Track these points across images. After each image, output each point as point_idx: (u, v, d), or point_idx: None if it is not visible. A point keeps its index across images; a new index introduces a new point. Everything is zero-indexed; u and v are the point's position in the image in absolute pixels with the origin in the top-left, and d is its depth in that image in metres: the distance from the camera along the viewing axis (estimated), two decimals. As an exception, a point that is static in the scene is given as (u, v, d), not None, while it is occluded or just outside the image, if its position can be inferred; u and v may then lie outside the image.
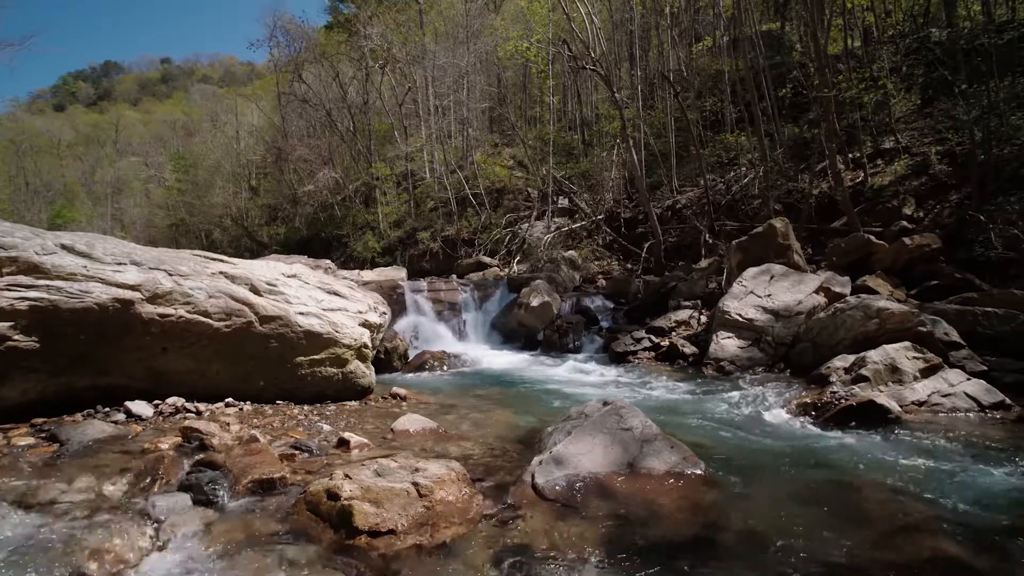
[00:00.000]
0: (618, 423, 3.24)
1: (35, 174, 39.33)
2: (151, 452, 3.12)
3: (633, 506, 2.64)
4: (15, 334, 3.50)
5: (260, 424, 3.99)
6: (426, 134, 20.72)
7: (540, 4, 17.14)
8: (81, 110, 65.15)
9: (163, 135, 45.53)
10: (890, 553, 2.24)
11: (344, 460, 3.17)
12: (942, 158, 9.38)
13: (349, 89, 23.92)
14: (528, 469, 2.92)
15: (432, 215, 18.62)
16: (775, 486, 2.95)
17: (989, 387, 4.44)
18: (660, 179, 14.13)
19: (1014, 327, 5.38)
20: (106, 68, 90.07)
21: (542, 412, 4.66)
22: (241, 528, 2.40)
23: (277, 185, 27.97)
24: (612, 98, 12.29)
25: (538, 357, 8.22)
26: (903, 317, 5.27)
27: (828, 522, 2.51)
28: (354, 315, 5.33)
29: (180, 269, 4.30)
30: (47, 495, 2.54)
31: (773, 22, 17.12)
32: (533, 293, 9.01)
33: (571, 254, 12.58)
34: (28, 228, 3.93)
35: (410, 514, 2.42)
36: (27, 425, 3.60)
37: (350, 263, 18.31)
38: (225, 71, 72.65)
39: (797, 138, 12.26)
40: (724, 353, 6.37)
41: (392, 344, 7.34)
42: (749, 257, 7.76)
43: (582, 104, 19.06)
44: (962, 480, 2.96)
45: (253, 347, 4.52)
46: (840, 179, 9.35)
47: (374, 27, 21.79)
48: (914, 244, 7.44)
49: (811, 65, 10.80)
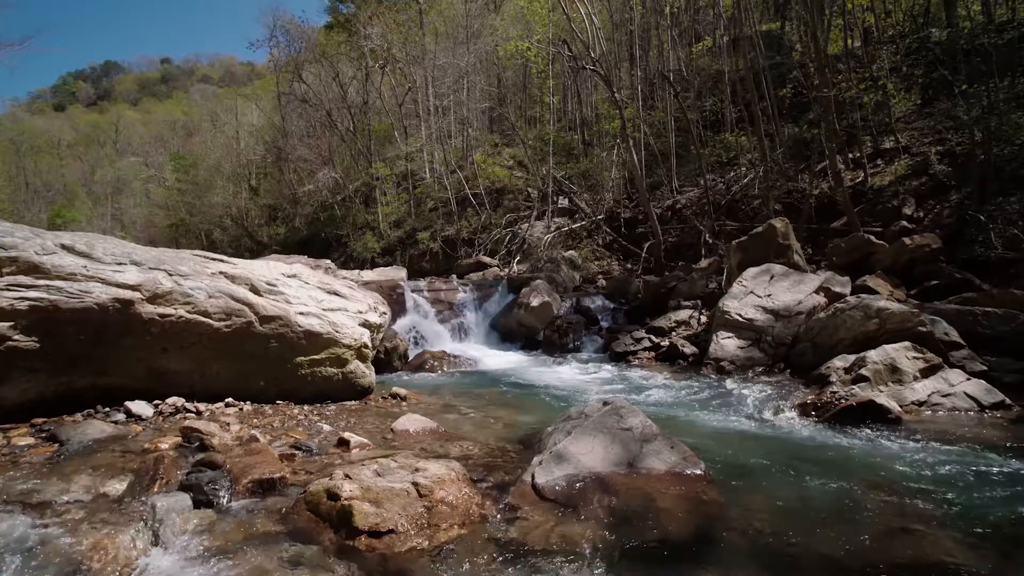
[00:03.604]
0: (618, 423, 3.24)
1: (35, 174, 39.35)
2: (151, 452, 3.12)
3: (633, 506, 2.64)
4: (15, 334, 3.50)
5: (260, 424, 3.99)
6: (426, 134, 20.72)
7: (540, 4, 17.13)
8: (81, 110, 65.19)
9: (163, 135, 45.55)
10: (890, 553, 2.24)
11: (344, 460, 3.17)
12: (942, 158, 9.37)
13: (349, 89, 23.91)
14: (528, 469, 2.92)
15: (432, 215, 18.61)
16: (775, 486, 2.95)
17: (989, 387, 4.44)
18: (660, 179, 14.13)
19: (1014, 327, 5.38)
20: (106, 68, 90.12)
21: (542, 412, 4.66)
22: (241, 528, 2.40)
23: (277, 185, 27.97)
24: (612, 98, 12.29)
25: (538, 357, 8.22)
26: (903, 317, 5.27)
27: (828, 522, 2.51)
28: (354, 315, 5.33)
29: (180, 269, 4.30)
30: (47, 495, 2.54)
31: (773, 22, 17.12)
32: (533, 293, 9.01)
33: (571, 254, 12.58)
34: (28, 228, 3.93)
35: (410, 514, 2.42)
36: (27, 425, 3.60)
37: (350, 263, 18.31)
38: (225, 71, 72.66)
39: (797, 138, 12.25)
40: (724, 353, 6.37)
41: (392, 344, 7.34)
42: (749, 257, 7.76)
43: (582, 104, 19.05)
44: (962, 480, 2.96)
45: (253, 347, 4.52)
46: (840, 179, 9.35)
47: (374, 27, 21.79)
48: (914, 244, 7.44)
49: (811, 65, 10.80)
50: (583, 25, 14.34)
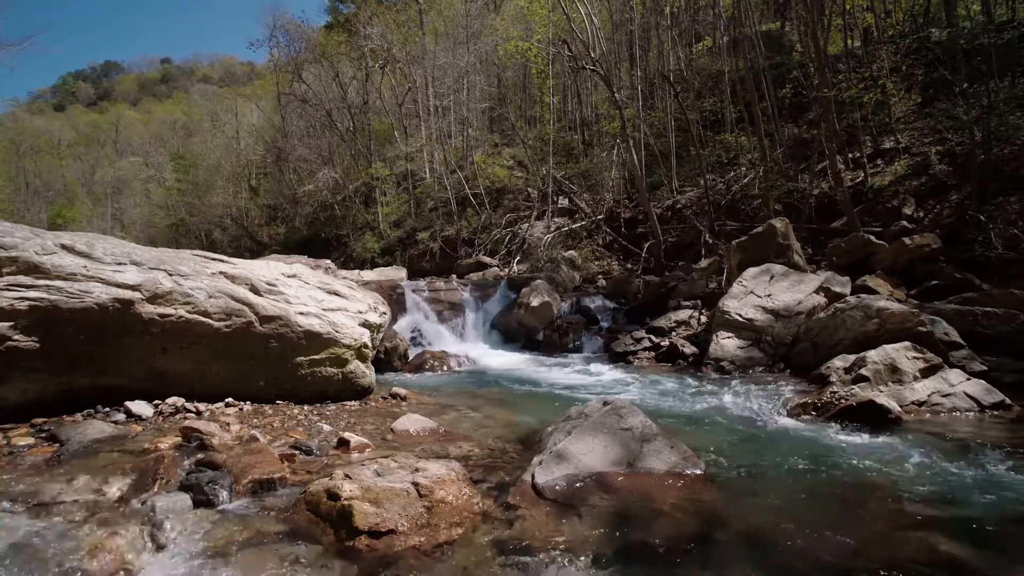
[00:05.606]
0: (618, 423, 3.24)
1: (35, 174, 39.36)
2: (151, 452, 3.12)
3: (633, 506, 2.64)
4: (15, 334, 3.50)
5: (260, 424, 3.99)
6: (426, 134, 20.73)
7: (540, 4, 17.14)
8: (81, 110, 65.20)
9: (163, 135, 45.52)
10: (890, 553, 2.24)
11: (344, 460, 3.17)
12: (942, 158, 9.37)
13: (349, 89, 23.92)
14: (528, 469, 2.92)
15: (432, 215, 18.62)
16: (775, 486, 2.95)
17: (989, 387, 4.44)
18: (660, 179, 14.13)
19: (1014, 327, 5.38)
20: (106, 68, 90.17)
21: (542, 412, 4.65)
22: (241, 528, 2.40)
23: (277, 185, 27.98)
24: (612, 98, 12.29)
25: (538, 357, 8.22)
26: (903, 317, 5.27)
27: (828, 522, 2.51)
28: (354, 315, 5.33)
29: (180, 269, 4.29)
30: (47, 495, 2.54)
31: (773, 22, 17.13)
32: (533, 293, 9.01)
33: (571, 254, 12.57)
34: (28, 228, 3.93)
35: (410, 514, 2.42)
36: (27, 425, 3.59)
37: (350, 263, 18.33)
38: (225, 71, 72.65)
39: (797, 138, 12.26)
40: (724, 353, 6.37)
41: (392, 344, 7.34)
42: (749, 257, 7.76)
43: (582, 104, 19.07)
44: (962, 480, 2.96)
45: (253, 347, 4.52)
46: (840, 179, 9.35)
47: (374, 27, 21.80)
48: (914, 244, 7.44)
49: (811, 65, 10.81)
50: (583, 25, 14.36)
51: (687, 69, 15.78)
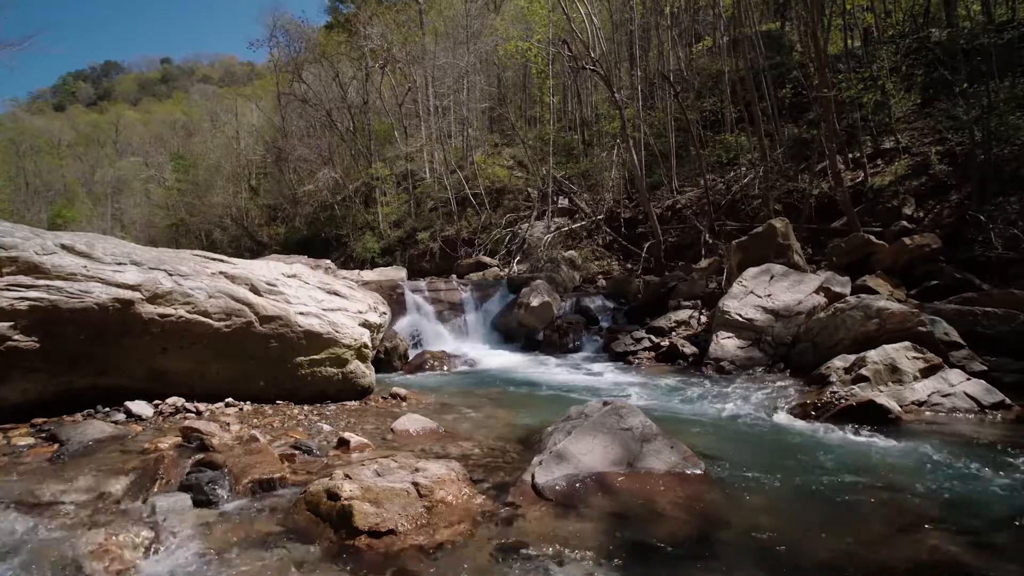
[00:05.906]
0: (618, 423, 3.24)
1: (35, 174, 39.35)
2: (151, 452, 3.12)
3: (633, 506, 2.64)
4: (15, 334, 3.50)
5: (260, 424, 3.99)
6: (426, 134, 20.73)
7: (540, 4, 17.15)
8: (81, 110, 65.20)
9: (163, 135, 45.52)
10: (890, 553, 2.24)
11: (344, 460, 3.17)
12: (942, 158, 9.37)
13: (349, 89, 23.92)
14: (528, 469, 2.92)
15: (432, 215, 18.62)
16: (775, 486, 2.95)
17: (989, 387, 4.44)
18: (660, 179, 14.13)
19: (1014, 327, 5.37)
20: (106, 68, 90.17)
21: (542, 412, 4.65)
22: (241, 528, 2.40)
23: (277, 185, 27.98)
24: (612, 98, 12.29)
25: (538, 357, 8.22)
26: (903, 317, 5.27)
27: (828, 522, 2.51)
28: (354, 315, 5.33)
29: (180, 269, 4.29)
30: (47, 495, 2.54)
31: (773, 22, 17.13)
32: (533, 293, 9.01)
33: (571, 254, 12.58)
34: (28, 228, 3.93)
35: (410, 514, 2.42)
36: (27, 425, 3.60)
37: (350, 263, 18.32)
38: (225, 71, 72.64)
39: (797, 138, 12.26)
40: (724, 353, 6.37)
41: (392, 344, 7.34)
42: (749, 257, 7.76)
43: (582, 104, 19.07)
44: (962, 480, 2.96)
45: (253, 347, 4.52)
46: (840, 179, 9.35)
47: (374, 27, 21.80)
48: (914, 244, 7.44)
49: (811, 65, 10.80)
50: (583, 25, 14.36)
51: (687, 69, 15.78)
